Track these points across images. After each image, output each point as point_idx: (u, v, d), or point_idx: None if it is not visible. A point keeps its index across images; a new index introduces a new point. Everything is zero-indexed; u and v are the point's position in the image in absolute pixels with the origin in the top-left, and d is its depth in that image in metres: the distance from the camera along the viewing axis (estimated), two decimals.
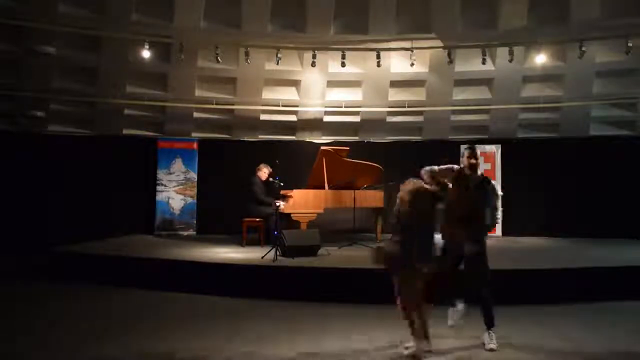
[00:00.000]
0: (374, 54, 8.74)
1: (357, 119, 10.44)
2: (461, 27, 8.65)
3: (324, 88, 9.97)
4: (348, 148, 8.62)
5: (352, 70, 9.49)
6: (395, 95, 10.04)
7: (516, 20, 8.45)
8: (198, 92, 9.83)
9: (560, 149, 9.96)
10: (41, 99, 9.37)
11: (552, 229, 9.59)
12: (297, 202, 7.82)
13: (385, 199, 8.52)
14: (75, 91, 9.41)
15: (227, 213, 9.31)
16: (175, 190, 10.19)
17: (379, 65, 8.84)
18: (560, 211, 9.63)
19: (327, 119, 10.44)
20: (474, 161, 4.44)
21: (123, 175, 9.92)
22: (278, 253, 6.70)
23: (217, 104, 9.98)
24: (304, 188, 8.12)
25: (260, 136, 10.56)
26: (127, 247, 7.97)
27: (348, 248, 7.87)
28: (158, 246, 8.25)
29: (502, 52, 8.92)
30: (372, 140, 10.62)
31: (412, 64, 8.71)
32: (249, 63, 8.82)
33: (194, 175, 10.27)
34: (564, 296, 5.73)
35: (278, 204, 7.57)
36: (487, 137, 10.26)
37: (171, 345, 4.26)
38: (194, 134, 10.40)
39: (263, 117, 10.32)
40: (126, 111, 9.94)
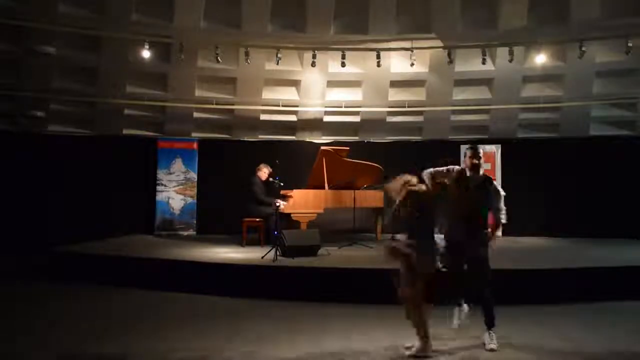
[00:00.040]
0: (374, 54, 8.75)
1: (357, 119, 10.45)
2: (461, 27, 8.65)
3: (324, 88, 9.98)
4: (348, 148, 8.62)
5: (352, 70, 9.50)
6: (395, 95, 10.04)
7: (516, 20, 8.45)
8: (198, 92, 9.84)
9: (560, 149, 9.96)
10: (41, 99, 9.38)
11: (552, 229, 9.59)
12: (297, 202, 7.83)
13: (385, 199, 8.52)
14: (75, 91, 9.41)
15: (227, 213, 9.31)
16: (175, 190, 10.19)
17: (379, 65, 8.85)
18: (560, 211, 9.64)
19: (327, 119, 10.44)
20: (476, 161, 4.41)
21: (123, 175, 9.92)
22: (278, 253, 6.69)
23: (217, 104, 9.98)
24: (304, 188, 8.12)
25: (260, 136, 10.56)
26: (127, 247, 7.97)
27: (348, 248, 7.86)
28: (158, 246, 8.25)
29: (502, 52, 8.93)
30: (372, 140, 10.62)
31: (412, 64, 8.72)
32: (249, 63, 8.83)
33: (194, 175, 10.27)
34: (564, 296, 5.72)
35: (278, 204, 7.57)
36: (487, 137, 10.25)
37: (171, 345, 4.25)
38: (194, 134, 10.40)
39: (263, 117, 10.33)
40: (126, 111, 9.94)
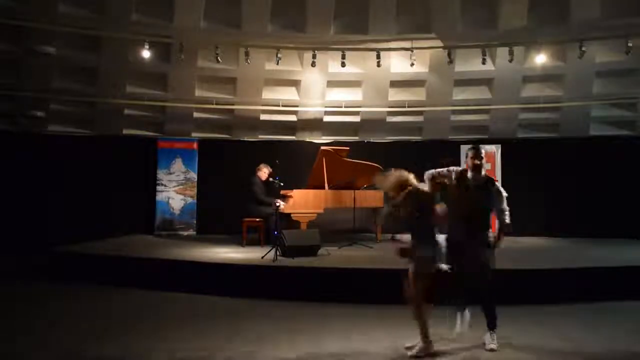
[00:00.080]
0: (374, 54, 8.75)
1: (357, 119, 10.44)
2: (461, 27, 8.65)
3: (324, 88, 9.97)
4: (348, 148, 8.63)
5: (352, 70, 9.50)
6: (395, 95, 10.04)
7: (516, 20, 8.45)
8: (198, 92, 9.83)
9: (560, 149, 9.96)
10: (41, 99, 9.37)
11: (552, 229, 9.59)
12: (297, 202, 7.83)
13: (385, 199, 8.52)
14: (75, 91, 9.41)
15: (227, 213, 9.31)
16: (175, 190, 10.19)
17: (379, 65, 8.84)
18: (560, 211, 9.63)
19: (327, 119, 10.44)
20: (478, 162, 4.37)
21: (123, 175, 9.92)
22: (278, 253, 6.69)
23: (217, 104, 9.98)
24: (304, 188, 8.12)
25: (260, 136, 10.56)
26: (127, 247, 7.97)
27: (348, 248, 7.87)
28: (158, 246, 8.25)
29: (502, 52, 8.92)
30: (372, 140, 10.62)
31: (412, 64, 8.72)
32: (249, 63, 8.83)
33: (194, 175, 10.27)
34: (564, 296, 5.72)
35: (278, 204, 7.57)
36: (487, 137, 10.25)
37: (171, 345, 4.25)
38: (194, 134, 10.40)
39: (263, 117, 10.32)
40: (126, 111, 9.94)
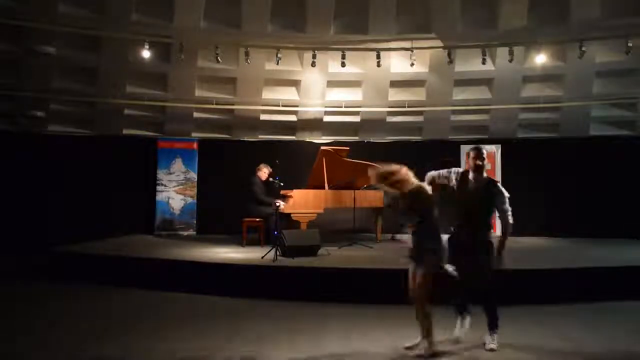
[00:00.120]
0: (374, 54, 8.75)
1: (357, 119, 10.44)
2: (461, 27, 8.65)
3: (324, 88, 9.97)
4: (348, 148, 8.62)
5: (352, 70, 9.50)
6: (395, 95, 10.04)
7: (516, 20, 8.45)
8: (198, 92, 9.83)
9: (560, 149, 9.96)
10: (41, 99, 9.37)
11: (552, 229, 9.58)
12: (297, 202, 7.82)
13: (386, 199, 8.51)
14: (75, 91, 9.41)
15: (227, 213, 9.31)
16: (175, 190, 10.19)
17: (379, 65, 8.84)
18: (560, 211, 9.63)
19: (327, 119, 10.44)
20: (480, 163, 4.34)
21: (123, 175, 9.92)
22: (278, 253, 6.69)
23: (217, 104, 9.98)
24: (304, 188, 8.12)
25: (260, 136, 10.56)
26: (127, 247, 7.96)
27: (348, 248, 7.86)
28: (158, 246, 8.25)
29: (502, 52, 8.92)
30: (372, 140, 10.62)
31: (412, 64, 8.72)
32: (249, 63, 8.83)
33: (194, 175, 10.27)
34: (564, 296, 5.72)
35: (278, 204, 7.57)
36: (487, 137, 10.26)
37: (171, 345, 4.25)
38: (194, 134, 10.40)
39: (263, 117, 10.32)
40: (126, 111, 9.94)
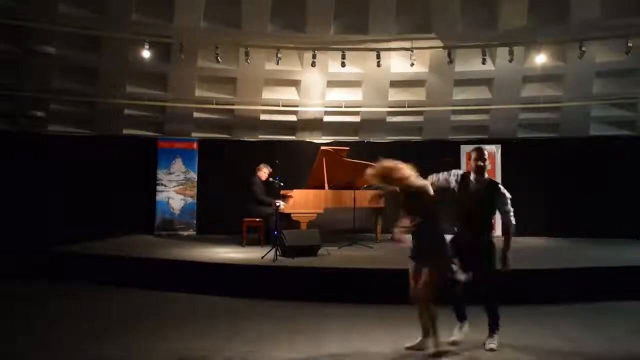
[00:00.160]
0: (374, 54, 8.75)
1: (357, 119, 10.44)
2: (461, 27, 8.65)
3: (324, 88, 9.97)
4: (348, 148, 8.62)
5: (352, 70, 9.49)
6: (395, 95, 10.04)
7: (516, 20, 8.45)
8: (198, 92, 9.83)
9: (560, 149, 9.96)
10: (41, 99, 9.37)
11: (552, 229, 9.58)
12: (297, 202, 7.82)
13: (385, 199, 8.50)
14: (75, 91, 9.41)
15: (227, 213, 9.31)
16: (175, 190, 10.19)
17: (379, 65, 8.84)
18: (560, 211, 9.63)
19: (327, 119, 10.44)
20: (481, 164, 4.32)
21: (123, 175, 9.92)
22: (278, 253, 6.69)
23: (217, 104, 9.98)
24: (304, 188, 8.12)
25: (260, 136, 10.56)
26: (127, 247, 7.96)
27: (348, 248, 7.86)
28: (158, 246, 8.25)
29: (502, 52, 8.92)
30: (372, 140, 10.62)
31: (412, 64, 8.72)
32: (249, 63, 8.82)
33: (194, 175, 10.27)
34: (564, 296, 5.72)
35: (278, 204, 7.57)
36: (487, 137, 10.26)
37: (171, 345, 4.25)
38: (194, 134, 10.40)
39: (263, 117, 10.32)
40: (126, 111, 9.94)
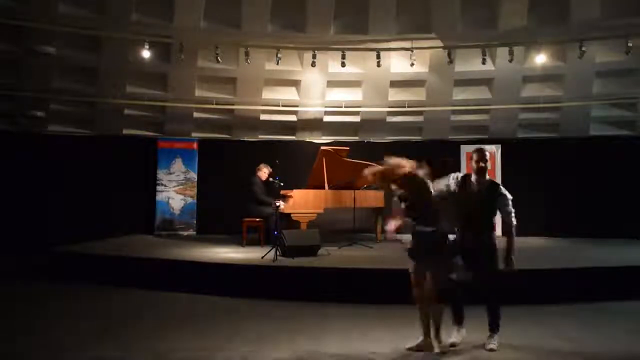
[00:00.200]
0: (374, 54, 8.75)
1: (357, 119, 10.44)
2: (461, 27, 8.66)
3: (324, 88, 9.97)
4: (348, 148, 8.62)
5: (352, 70, 9.49)
6: (395, 95, 10.04)
7: (516, 20, 8.45)
8: (198, 92, 9.84)
9: (560, 149, 9.96)
10: (41, 99, 9.38)
11: (552, 229, 9.58)
12: (297, 202, 7.82)
13: (387, 199, 8.51)
14: (75, 91, 9.41)
15: (227, 213, 9.31)
16: (175, 190, 10.19)
17: (379, 65, 8.85)
18: (560, 211, 9.63)
19: (327, 119, 10.44)
20: (483, 165, 4.31)
21: (123, 175, 9.92)
22: (278, 253, 6.69)
23: (217, 104, 9.98)
24: (304, 188, 8.12)
25: (260, 136, 10.56)
26: (127, 247, 7.97)
27: (348, 248, 7.86)
28: (158, 246, 8.25)
29: (502, 52, 8.92)
30: (372, 140, 10.62)
31: (412, 64, 8.72)
32: (249, 63, 8.83)
33: (194, 175, 10.27)
34: (564, 296, 5.72)
35: (278, 204, 7.57)
36: (487, 137, 10.25)
37: (171, 345, 4.25)
38: (194, 134, 10.40)
39: (263, 117, 10.33)
40: (126, 111, 9.94)
